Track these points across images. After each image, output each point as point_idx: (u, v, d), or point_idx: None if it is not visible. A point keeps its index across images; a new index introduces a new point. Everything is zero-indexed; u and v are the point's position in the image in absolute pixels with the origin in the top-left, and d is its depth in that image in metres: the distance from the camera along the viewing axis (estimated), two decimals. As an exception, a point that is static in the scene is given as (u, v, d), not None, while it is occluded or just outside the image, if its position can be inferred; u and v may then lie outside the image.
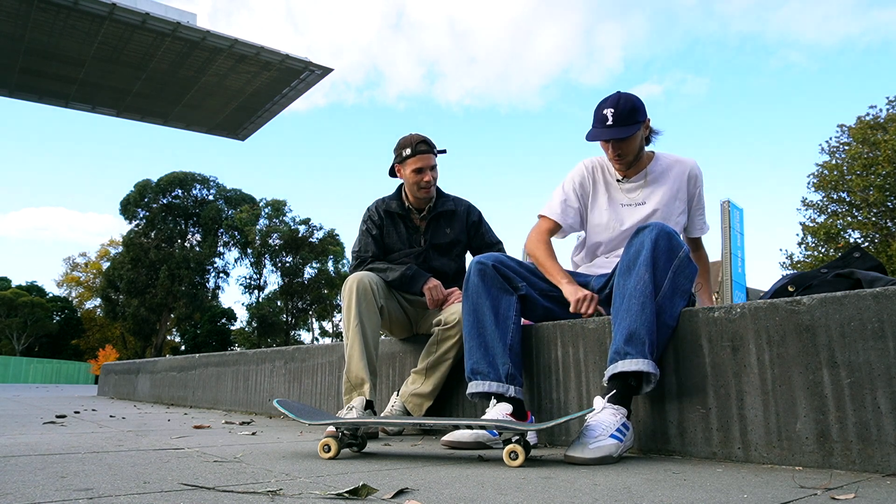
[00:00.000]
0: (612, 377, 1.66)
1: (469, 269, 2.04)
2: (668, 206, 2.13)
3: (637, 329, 1.63)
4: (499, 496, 1.10)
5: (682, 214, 2.17)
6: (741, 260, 12.95)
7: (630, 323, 1.64)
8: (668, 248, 1.71)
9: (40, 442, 1.96)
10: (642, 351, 1.61)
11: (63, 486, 1.16)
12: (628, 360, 1.62)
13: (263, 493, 1.10)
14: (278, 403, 1.77)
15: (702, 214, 2.28)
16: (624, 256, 1.78)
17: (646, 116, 2.10)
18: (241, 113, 21.47)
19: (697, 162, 2.22)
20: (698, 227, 2.29)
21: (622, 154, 2.10)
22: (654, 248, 1.69)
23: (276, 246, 40.08)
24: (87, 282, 51.04)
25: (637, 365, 1.60)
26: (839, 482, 1.24)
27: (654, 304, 1.65)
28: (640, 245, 1.73)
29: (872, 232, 17.59)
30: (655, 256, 1.69)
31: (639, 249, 1.72)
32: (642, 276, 1.67)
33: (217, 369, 4.67)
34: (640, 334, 1.62)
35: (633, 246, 1.76)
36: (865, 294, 1.42)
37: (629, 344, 1.63)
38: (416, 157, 2.55)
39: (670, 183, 2.16)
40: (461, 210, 2.74)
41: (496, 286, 1.98)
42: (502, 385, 1.88)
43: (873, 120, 17.85)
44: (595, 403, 1.66)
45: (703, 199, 2.26)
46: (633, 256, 1.73)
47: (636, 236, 1.76)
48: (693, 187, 2.20)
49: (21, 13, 15.22)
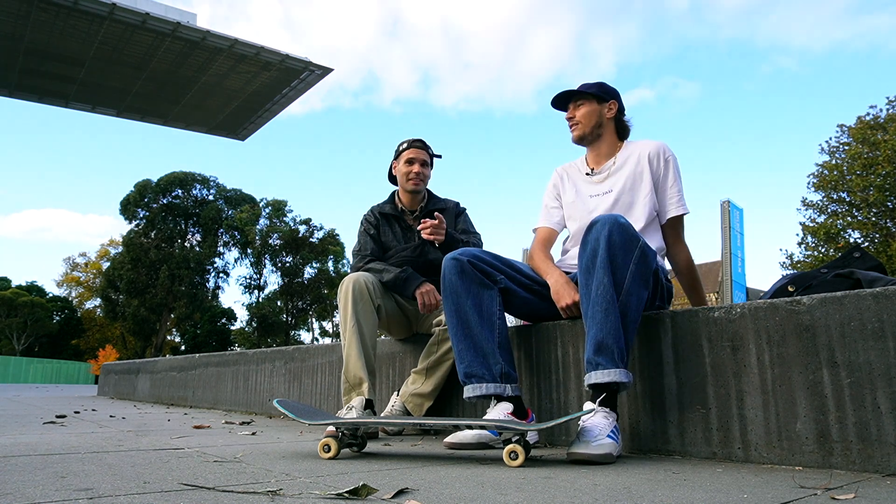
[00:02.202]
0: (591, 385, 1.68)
1: (444, 268, 1.95)
2: (631, 190, 2.11)
3: (604, 338, 1.64)
4: (499, 496, 1.10)
5: (648, 196, 2.10)
6: (741, 260, 12.96)
7: (596, 332, 1.65)
8: (624, 241, 1.68)
9: (40, 442, 1.96)
10: (612, 360, 1.63)
11: (63, 486, 1.16)
12: (600, 372, 1.63)
13: (263, 493, 1.10)
14: (278, 403, 1.77)
15: (676, 194, 2.13)
16: (582, 253, 1.75)
17: (614, 96, 2.18)
18: (241, 113, 21.48)
19: (668, 145, 2.17)
20: (673, 206, 2.12)
21: (573, 118, 2.18)
22: (609, 245, 1.67)
23: (276, 246, 40.09)
24: (87, 282, 51.02)
25: (609, 376, 1.62)
26: (839, 482, 1.24)
27: (617, 309, 1.65)
28: (595, 243, 1.70)
29: (872, 232, 17.59)
30: (612, 254, 1.67)
31: (595, 248, 1.70)
32: (601, 280, 1.66)
33: (217, 369, 4.67)
34: (608, 343, 1.63)
35: (588, 243, 1.73)
36: (865, 294, 1.42)
37: (599, 354, 1.64)
38: (410, 149, 2.70)
39: (632, 166, 2.14)
40: (451, 206, 2.84)
41: (475, 282, 1.94)
42: (499, 385, 1.87)
43: (873, 120, 17.84)
44: (586, 407, 1.67)
45: (676, 178, 2.14)
46: (591, 255, 1.71)
47: (589, 232, 1.74)
48: (657, 167, 2.12)
49: (21, 13, 15.23)
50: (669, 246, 2.16)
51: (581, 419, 1.65)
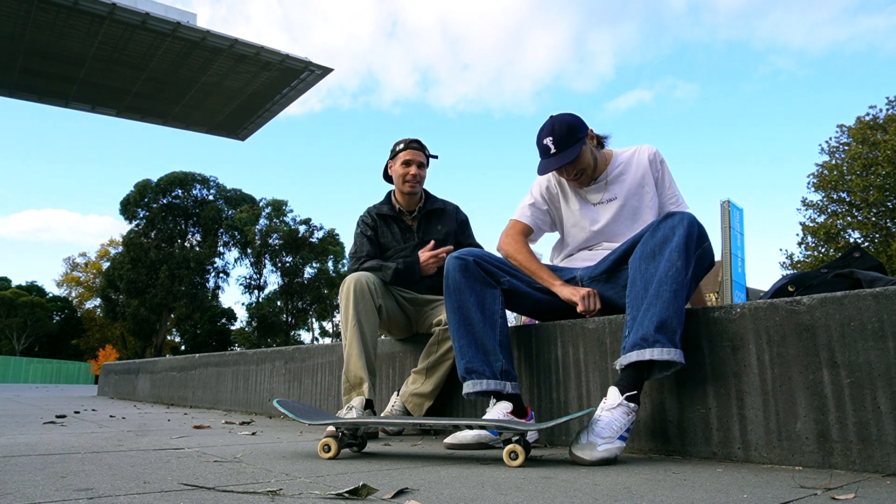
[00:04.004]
0: (629, 365, 1.63)
1: (448, 266, 1.97)
2: (637, 195, 2.15)
3: (669, 317, 1.61)
4: (499, 496, 1.11)
5: (653, 199, 2.17)
6: (741, 260, 12.95)
7: (662, 310, 1.61)
8: (699, 235, 1.72)
9: (40, 442, 1.96)
10: (673, 340, 1.60)
11: (63, 486, 1.16)
12: (659, 349, 1.58)
13: (263, 493, 1.10)
14: (278, 403, 1.77)
15: (674, 195, 2.21)
16: (648, 240, 1.74)
17: (586, 131, 2.11)
18: (241, 113, 21.47)
19: (658, 149, 2.22)
20: (673, 207, 2.19)
21: (578, 173, 2.13)
22: (688, 235, 1.68)
23: (276, 246, 40.08)
24: (87, 282, 51.02)
25: (669, 354, 1.57)
26: (839, 482, 1.24)
27: (685, 293, 1.65)
28: (670, 230, 1.71)
29: (872, 232, 17.59)
30: (688, 243, 1.68)
31: (668, 235, 1.70)
32: (674, 262, 1.65)
33: (217, 369, 4.67)
34: (672, 323, 1.60)
35: (660, 230, 1.73)
36: (865, 294, 1.42)
37: (660, 332, 1.59)
38: (407, 150, 2.69)
39: (633, 173, 2.18)
40: (450, 209, 2.84)
41: (479, 280, 1.95)
42: (499, 382, 1.87)
43: (873, 120, 17.85)
44: (609, 394, 1.62)
45: (671, 178, 2.21)
46: (661, 241, 1.71)
47: (665, 221, 1.74)
48: (656, 170, 2.19)
49: (21, 13, 15.22)
50: None
51: (599, 407, 1.61)
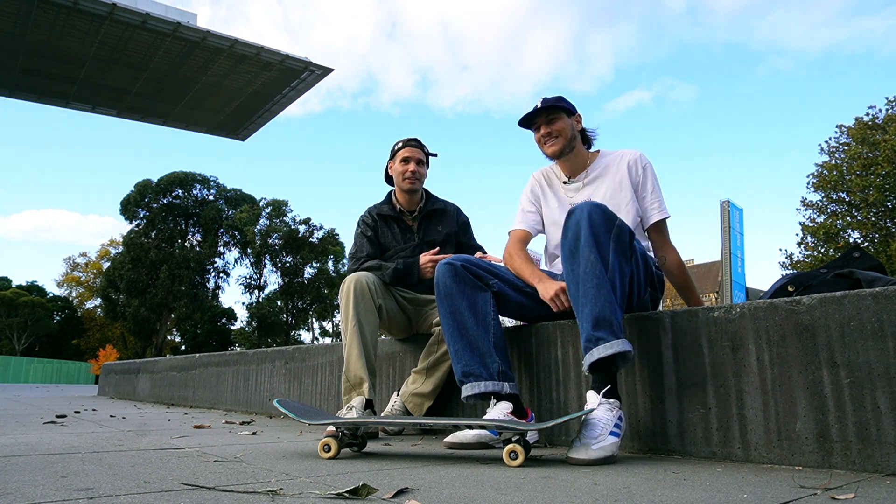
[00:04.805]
0: (592, 366, 1.65)
1: (438, 273, 1.99)
2: (613, 197, 2.16)
3: (601, 312, 1.63)
4: (499, 496, 1.11)
5: (630, 203, 2.17)
6: (741, 260, 12.97)
7: (591, 308, 1.65)
8: (603, 219, 1.71)
9: (40, 442, 1.96)
10: (612, 332, 1.62)
11: (63, 485, 1.16)
12: (602, 346, 1.62)
13: (263, 493, 1.10)
14: (278, 403, 1.77)
15: (657, 200, 2.20)
16: (564, 241, 1.77)
17: (575, 110, 2.21)
18: (241, 113, 21.48)
19: (645, 153, 2.24)
20: (655, 211, 2.19)
21: (550, 133, 2.17)
22: (591, 224, 1.69)
23: (276, 246, 40.07)
24: (88, 282, 51.02)
25: (613, 348, 1.60)
26: (839, 482, 1.24)
27: (608, 283, 1.66)
28: (576, 227, 1.72)
29: (872, 232, 17.58)
30: (594, 233, 1.68)
31: (577, 232, 1.72)
32: (587, 257, 1.67)
33: (217, 369, 4.67)
34: (605, 316, 1.63)
35: (570, 228, 1.75)
36: (865, 294, 1.42)
37: (598, 329, 1.63)
38: (405, 148, 2.71)
39: (612, 175, 2.20)
40: (451, 209, 2.84)
41: (469, 284, 1.96)
42: (496, 383, 1.88)
43: (872, 120, 17.85)
44: (588, 398, 1.66)
45: (655, 185, 2.21)
46: (574, 239, 1.72)
47: (570, 218, 1.76)
48: (636, 175, 2.20)
49: (21, 13, 15.23)
50: (657, 249, 2.22)
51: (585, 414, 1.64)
